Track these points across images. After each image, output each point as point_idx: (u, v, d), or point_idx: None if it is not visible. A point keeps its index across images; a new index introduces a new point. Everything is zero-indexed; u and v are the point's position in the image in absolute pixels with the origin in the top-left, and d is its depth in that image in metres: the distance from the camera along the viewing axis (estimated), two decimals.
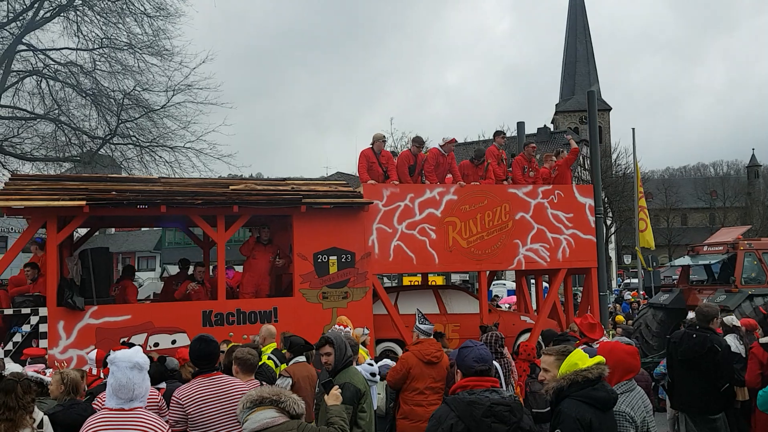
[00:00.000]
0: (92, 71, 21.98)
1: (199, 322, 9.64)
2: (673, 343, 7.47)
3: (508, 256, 11.09)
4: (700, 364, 7.09)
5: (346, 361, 5.51)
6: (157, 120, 22.73)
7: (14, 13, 21.27)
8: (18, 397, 4.57)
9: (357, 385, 5.30)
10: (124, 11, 21.63)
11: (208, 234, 10.19)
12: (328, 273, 10.33)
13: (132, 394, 3.91)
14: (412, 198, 10.81)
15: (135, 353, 4.04)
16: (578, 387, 4.06)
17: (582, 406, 3.98)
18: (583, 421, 3.93)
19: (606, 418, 4.05)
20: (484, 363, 4.03)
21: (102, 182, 10.24)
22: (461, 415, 3.73)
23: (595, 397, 4.01)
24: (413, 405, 6.58)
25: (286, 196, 10.22)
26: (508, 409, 3.75)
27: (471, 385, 3.95)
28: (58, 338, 9.13)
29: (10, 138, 22.33)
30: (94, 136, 22.68)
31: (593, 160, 12.22)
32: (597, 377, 4.07)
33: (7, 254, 9.57)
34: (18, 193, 9.30)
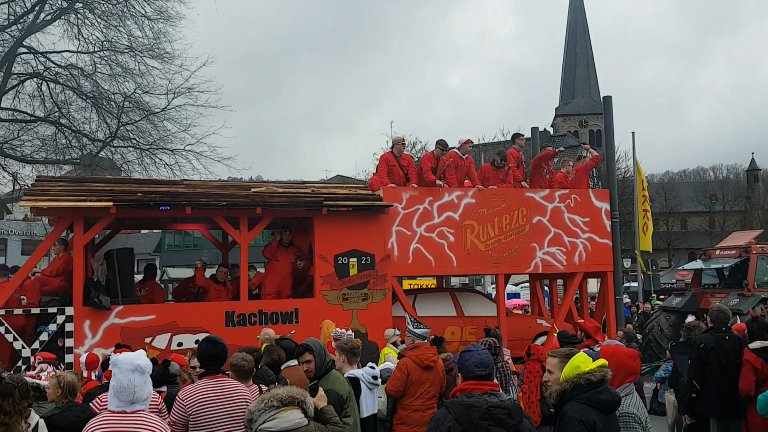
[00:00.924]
0: (93, 74, 22.09)
1: (222, 323, 9.81)
2: (709, 348, 7.21)
3: (526, 259, 11.28)
4: (737, 367, 7.02)
5: (326, 366, 5.57)
6: (158, 123, 22.85)
7: (15, 15, 21.38)
8: (15, 402, 4.56)
9: (338, 391, 5.34)
10: (125, 14, 21.77)
11: (231, 235, 10.35)
12: (349, 275, 10.50)
13: (133, 396, 3.93)
14: (431, 201, 11.00)
15: (137, 356, 4.08)
16: (581, 390, 4.12)
17: (585, 409, 4.05)
18: (587, 423, 3.99)
19: (610, 421, 4.10)
20: (485, 368, 4.05)
21: (127, 184, 10.42)
22: (459, 417, 3.76)
23: (598, 400, 4.07)
24: (411, 410, 6.65)
25: (308, 199, 10.40)
26: (506, 412, 3.77)
27: (470, 388, 3.98)
28: (83, 337, 9.29)
29: (11, 140, 22.40)
30: (94, 138, 22.78)
31: (609, 165, 12.41)
32: (600, 380, 4.13)
33: (34, 254, 9.73)
34: (45, 193, 9.47)
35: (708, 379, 7.24)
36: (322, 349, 5.62)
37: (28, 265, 9.72)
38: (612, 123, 12.00)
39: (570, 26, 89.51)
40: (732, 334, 7.24)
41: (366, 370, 6.96)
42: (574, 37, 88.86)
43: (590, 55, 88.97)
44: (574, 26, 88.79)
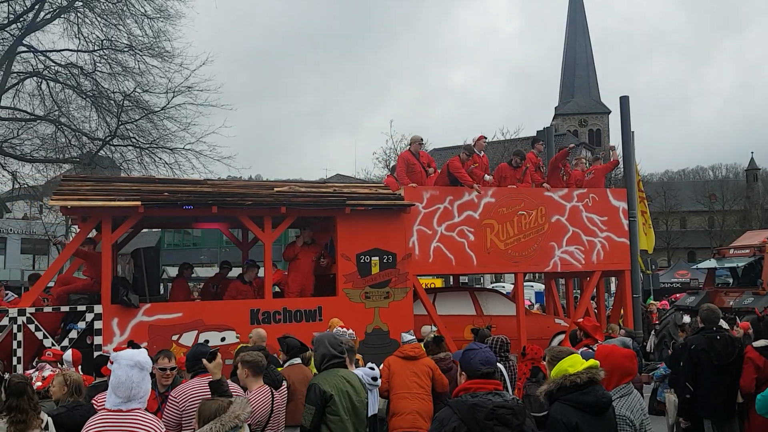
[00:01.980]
0: (92, 73, 22.28)
1: (247, 320, 9.97)
2: (700, 349, 7.26)
3: (545, 258, 11.48)
4: (730, 367, 7.12)
5: (327, 362, 5.57)
6: (157, 121, 23.09)
7: (15, 14, 21.54)
8: (29, 398, 4.75)
9: (323, 387, 5.36)
10: (125, 13, 21.93)
11: (256, 234, 10.52)
12: (371, 273, 10.67)
13: (130, 392, 3.95)
14: (451, 200, 11.18)
15: (137, 353, 4.13)
16: (567, 391, 4.19)
17: (568, 410, 4.13)
18: (569, 424, 4.07)
19: (599, 423, 4.16)
20: (490, 366, 4.06)
21: (152, 183, 10.60)
22: (464, 417, 3.78)
23: (582, 402, 4.14)
24: (398, 399, 6.87)
25: (331, 198, 10.56)
26: (511, 411, 3.79)
27: (474, 387, 3.98)
28: (112, 335, 9.46)
29: (10, 139, 22.59)
30: (94, 137, 22.98)
31: (626, 166, 12.61)
32: (586, 382, 4.19)
33: (63, 253, 9.88)
34: (74, 193, 9.63)
35: (700, 380, 7.27)
36: (321, 344, 5.63)
37: (56, 265, 9.88)
38: (629, 123, 12.20)
39: (570, 25, 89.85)
40: (723, 334, 7.29)
41: (366, 371, 7.07)
42: (573, 36, 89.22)
43: (590, 55, 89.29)
44: (573, 25, 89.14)
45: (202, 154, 22.62)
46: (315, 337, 5.83)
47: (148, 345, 9.51)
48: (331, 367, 5.57)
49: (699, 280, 18.11)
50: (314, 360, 5.77)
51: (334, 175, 49.98)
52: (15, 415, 4.69)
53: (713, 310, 7.60)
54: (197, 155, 22.63)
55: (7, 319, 9.16)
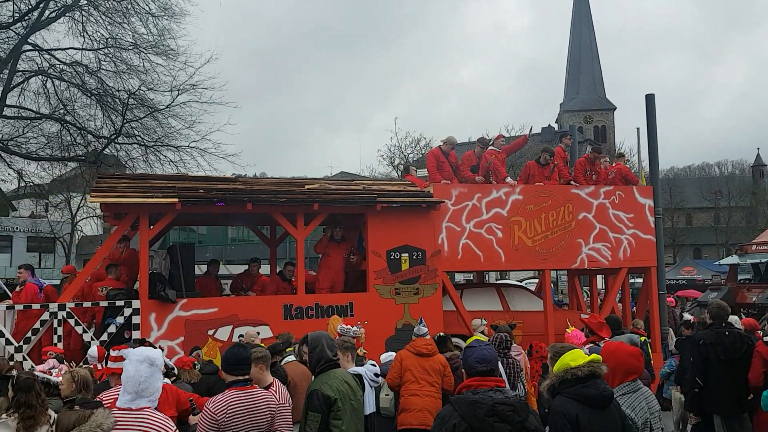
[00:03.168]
0: (97, 71, 22.45)
1: (281, 315, 10.20)
2: (708, 344, 7.37)
3: (572, 255, 11.71)
4: (739, 362, 7.19)
5: (323, 364, 5.47)
6: (162, 120, 23.25)
7: (20, 13, 21.68)
8: (38, 395, 4.82)
9: (327, 392, 5.25)
10: (129, 11, 22.08)
11: (288, 231, 10.76)
12: (401, 270, 10.91)
13: (138, 387, 3.97)
14: (480, 198, 11.42)
15: (150, 350, 4.18)
16: (568, 384, 4.26)
17: (569, 402, 4.19)
18: (568, 416, 4.13)
19: (601, 416, 4.19)
20: (487, 363, 4.09)
21: (186, 181, 10.84)
22: (464, 414, 3.82)
23: (583, 394, 4.19)
24: (409, 395, 6.98)
25: (363, 195, 10.78)
26: (512, 408, 3.82)
27: (475, 384, 4.02)
28: (150, 329, 9.71)
29: (16, 137, 22.78)
30: (99, 135, 23.15)
31: (651, 163, 12.81)
32: (587, 375, 4.25)
33: (101, 250, 10.11)
34: (111, 190, 9.88)
35: (709, 375, 7.37)
36: (319, 344, 5.52)
37: (94, 261, 10.11)
38: (655, 121, 12.38)
39: (575, 22, 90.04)
40: (732, 330, 7.40)
41: (368, 368, 7.11)
42: (578, 32, 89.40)
43: (595, 51, 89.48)
44: (579, 21, 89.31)
45: (207, 152, 22.88)
46: (311, 337, 5.69)
47: (184, 339, 9.77)
48: (327, 368, 5.49)
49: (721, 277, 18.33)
50: (309, 360, 5.67)
51: (338, 173, 50.15)
52: (24, 411, 4.75)
53: (722, 306, 7.71)
54: (202, 153, 22.90)
55: (48, 313, 9.40)
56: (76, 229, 47.78)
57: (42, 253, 49.37)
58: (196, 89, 22.73)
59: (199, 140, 22.96)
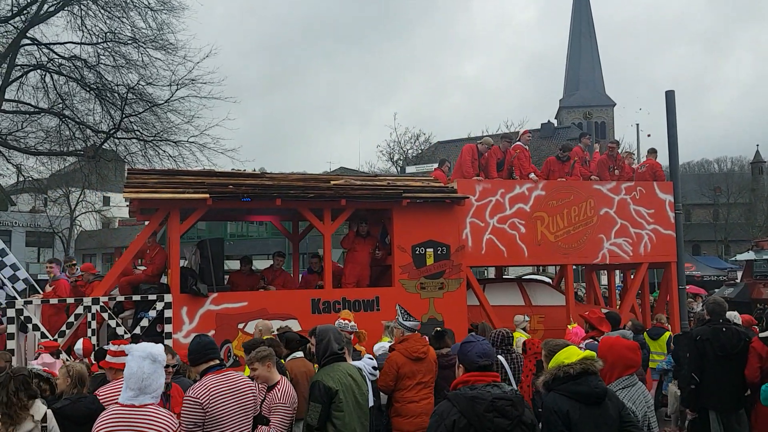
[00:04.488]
0: (96, 65, 22.79)
1: (309, 310, 10.47)
2: (704, 340, 7.54)
3: (594, 250, 12.01)
4: (736, 358, 7.35)
5: (329, 356, 5.62)
6: (161, 114, 23.56)
7: (18, 6, 21.99)
8: (9, 393, 4.73)
9: (328, 383, 5.39)
10: (128, 5, 22.39)
11: (316, 226, 11.02)
12: (426, 264, 11.18)
13: (141, 383, 4.03)
14: (503, 193, 11.70)
15: (152, 346, 4.24)
16: (560, 381, 4.36)
17: (561, 399, 4.28)
18: (560, 413, 4.22)
19: (595, 412, 4.28)
20: (488, 358, 4.18)
21: (215, 176, 11.09)
22: (463, 410, 3.87)
23: (575, 391, 4.28)
24: (405, 402, 6.94)
25: (389, 191, 11.06)
26: (510, 403, 3.90)
27: (473, 380, 4.08)
28: (181, 323, 9.98)
29: (15, 132, 23.12)
30: (97, 130, 23.48)
31: (672, 160, 13.11)
32: (579, 372, 4.33)
33: (133, 245, 10.37)
34: (143, 186, 10.13)
35: (705, 371, 7.52)
36: (326, 337, 5.67)
37: (126, 256, 10.39)
38: (675, 117, 12.66)
39: (574, 17, 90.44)
40: (729, 326, 7.54)
41: (365, 361, 7.27)
42: (578, 28, 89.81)
43: (595, 47, 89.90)
44: (578, 17, 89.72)
45: (206, 147, 23.21)
46: (319, 329, 5.86)
47: (215, 333, 10.05)
48: (332, 361, 5.63)
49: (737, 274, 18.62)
50: (316, 351, 5.83)
51: (338, 168, 50.51)
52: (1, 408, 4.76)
53: (719, 303, 7.91)
54: (201, 148, 23.23)
55: (82, 307, 9.69)
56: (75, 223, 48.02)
57: (41, 248, 49.75)
58: (195, 84, 23.09)
59: (198, 135, 23.34)
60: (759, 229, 64.91)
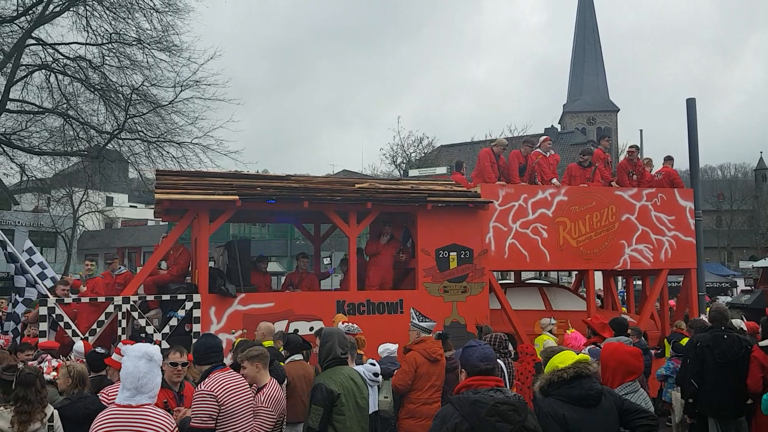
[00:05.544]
0: (101, 66, 23.26)
1: (334, 311, 10.69)
2: (705, 347, 7.61)
3: (615, 255, 12.24)
4: (736, 366, 7.40)
5: (331, 359, 5.69)
6: (165, 115, 24.07)
7: (24, 7, 22.38)
8: (37, 391, 4.99)
9: (330, 386, 5.45)
10: (133, 6, 22.84)
11: (341, 228, 11.26)
12: (449, 268, 11.39)
13: (138, 382, 4.08)
14: (526, 198, 11.92)
15: (148, 346, 4.31)
16: (555, 386, 4.47)
17: (556, 403, 4.39)
18: (556, 416, 4.31)
19: (591, 415, 4.37)
20: (489, 362, 4.23)
21: (241, 178, 11.31)
22: (466, 414, 3.91)
23: (569, 395, 4.40)
24: (420, 404, 7.03)
25: (414, 194, 11.29)
26: (513, 408, 3.93)
27: (475, 384, 4.12)
28: (209, 323, 10.20)
29: (19, 131, 23.61)
30: (101, 130, 23.96)
31: (692, 167, 13.37)
32: (573, 376, 4.44)
33: (163, 245, 10.60)
34: (174, 187, 10.36)
35: (705, 378, 7.60)
36: (331, 339, 5.73)
37: (156, 256, 10.63)
38: (695, 124, 12.92)
39: (579, 23, 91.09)
40: (731, 333, 7.60)
41: (367, 367, 7.31)
42: (582, 33, 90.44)
43: (599, 52, 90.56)
44: (583, 23, 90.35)
45: (210, 149, 23.68)
46: (324, 332, 5.94)
47: (245, 333, 10.25)
48: (334, 365, 5.70)
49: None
50: (319, 353, 5.89)
51: (340, 171, 50.84)
52: (21, 406, 4.94)
53: (721, 310, 8.00)
54: (204, 149, 23.72)
55: (113, 306, 9.92)
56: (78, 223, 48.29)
57: (43, 248, 50.01)
58: (199, 85, 23.63)
59: (202, 137, 23.81)
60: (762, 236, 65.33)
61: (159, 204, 11.28)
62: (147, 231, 56.88)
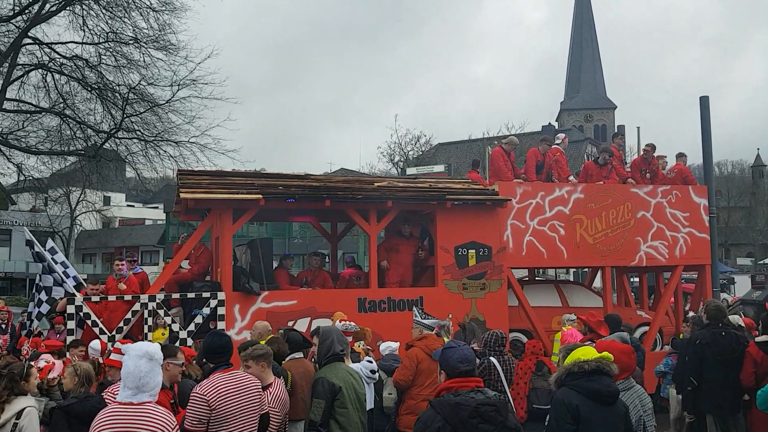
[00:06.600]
0: (97, 65, 23.34)
1: (355, 308, 10.94)
2: (704, 344, 7.70)
3: (631, 252, 12.50)
4: (735, 363, 7.51)
5: (330, 356, 5.83)
6: (162, 114, 24.12)
7: (20, 6, 22.48)
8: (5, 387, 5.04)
9: (332, 380, 5.58)
10: (130, 5, 22.89)
11: (362, 227, 11.52)
12: (468, 265, 11.65)
13: (139, 381, 4.12)
14: (543, 196, 12.18)
15: (148, 344, 4.38)
16: (574, 377, 4.53)
17: (571, 393, 4.46)
18: (569, 406, 4.39)
19: (604, 412, 4.43)
20: (469, 363, 4.24)
21: (261, 178, 11.55)
22: (447, 417, 3.94)
23: (587, 388, 4.45)
24: (420, 400, 7.00)
25: (433, 193, 11.55)
26: (494, 409, 3.97)
27: (456, 386, 4.13)
28: (234, 320, 10.44)
29: (16, 131, 23.68)
30: (98, 130, 24.07)
31: (706, 163, 13.67)
32: (594, 369, 4.50)
33: (188, 244, 10.83)
34: (197, 186, 10.59)
35: (704, 375, 7.67)
36: (330, 337, 5.87)
37: (180, 255, 10.86)
38: (709, 122, 13.21)
39: (576, 20, 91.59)
40: (729, 330, 7.71)
41: (364, 364, 7.40)
42: (580, 31, 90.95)
43: (596, 50, 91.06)
44: (580, 20, 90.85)
45: (207, 148, 23.76)
46: (322, 329, 6.13)
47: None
48: (332, 361, 5.84)
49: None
50: (318, 351, 6.05)
51: (338, 170, 51.12)
52: None
53: (720, 307, 8.11)
54: (202, 148, 23.79)
55: (139, 304, 10.14)
56: (75, 223, 48.46)
57: None
58: (196, 84, 23.66)
59: (199, 135, 23.90)
60: (759, 232, 65.84)
61: (179, 203, 11.52)
62: (144, 230, 57.19)
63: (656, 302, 14.27)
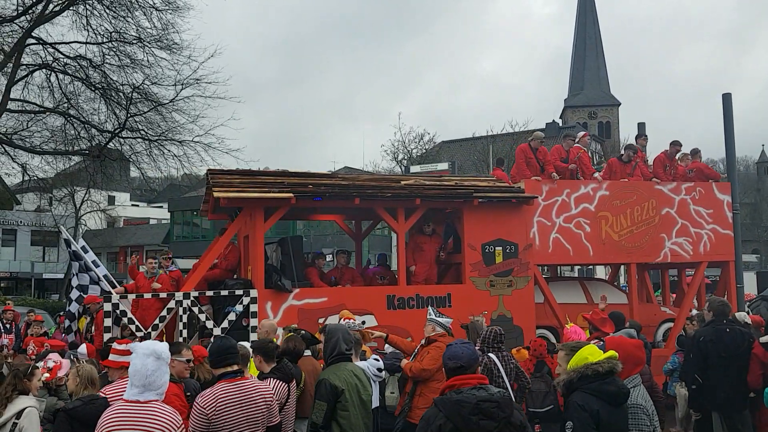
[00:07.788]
0: (101, 65, 23.57)
1: (384, 305, 11.20)
2: (708, 341, 7.72)
3: (656, 249, 12.76)
4: (739, 360, 7.57)
5: (336, 355, 5.87)
6: (166, 114, 24.41)
7: (24, 6, 22.67)
8: None
9: (334, 382, 5.60)
10: (133, 5, 23.11)
11: (390, 224, 11.76)
12: (495, 263, 11.90)
13: (145, 380, 4.18)
14: (569, 193, 12.43)
15: (155, 343, 4.44)
16: (588, 380, 4.51)
17: (590, 398, 4.44)
18: (590, 411, 4.39)
19: (618, 413, 4.48)
20: (458, 360, 4.26)
21: (290, 176, 11.80)
22: (449, 414, 3.98)
23: (604, 391, 4.46)
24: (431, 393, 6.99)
25: (460, 191, 11.80)
26: (496, 405, 3.99)
27: (458, 384, 4.17)
28: (266, 317, 10.65)
29: (20, 131, 24.02)
30: (103, 129, 24.33)
31: (728, 159, 13.92)
32: (608, 371, 4.51)
33: (221, 242, 11.08)
34: (229, 185, 10.83)
35: (709, 372, 7.70)
36: (335, 336, 5.92)
37: (212, 255, 11.12)
38: (731, 119, 13.43)
39: (579, 17, 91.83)
40: (733, 327, 7.75)
41: (371, 362, 7.44)
42: (583, 28, 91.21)
43: (600, 46, 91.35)
44: (583, 17, 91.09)
45: (211, 147, 24.09)
46: (329, 328, 6.17)
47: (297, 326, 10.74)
48: (338, 360, 5.87)
49: None
50: (324, 349, 6.07)
51: (342, 168, 51.31)
52: None
53: (724, 303, 8.18)
54: (206, 148, 24.12)
55: (174, 302, 10.39)
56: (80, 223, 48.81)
57: (46, 247, 50.56)
58: (200, 83, 23.94)
59: (203, 135, 24.20)
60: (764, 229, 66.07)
61: (206, 202, 11.75)
62: (149, 229, 57.44)
63: (679, 298, 14.50)
